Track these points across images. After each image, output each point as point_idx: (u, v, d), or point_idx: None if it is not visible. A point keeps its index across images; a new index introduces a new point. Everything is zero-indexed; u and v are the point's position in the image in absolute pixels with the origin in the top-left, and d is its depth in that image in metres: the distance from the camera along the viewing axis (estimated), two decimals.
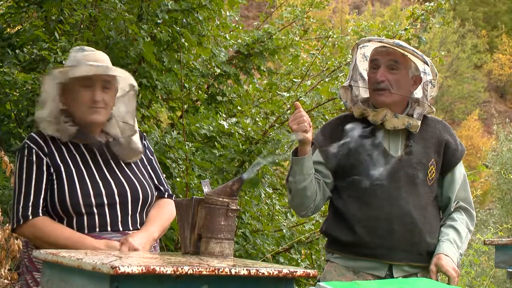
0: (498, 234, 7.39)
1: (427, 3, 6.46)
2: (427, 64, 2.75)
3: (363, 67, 2.86)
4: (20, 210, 2.51)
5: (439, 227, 2.79)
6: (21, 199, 2.52)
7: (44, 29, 5.46)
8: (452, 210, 2.80)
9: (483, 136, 34.78)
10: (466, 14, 40.58)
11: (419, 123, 2.74)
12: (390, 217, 2.67)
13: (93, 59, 2.61)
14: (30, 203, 2.51)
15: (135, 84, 2.71)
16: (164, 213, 2.66)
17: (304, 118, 2.54)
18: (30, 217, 2.49)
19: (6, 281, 4.13)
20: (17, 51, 5.31)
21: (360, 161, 2.72)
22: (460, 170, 2.84)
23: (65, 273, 1.89)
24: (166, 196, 2.76)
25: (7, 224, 4.14)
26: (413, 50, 2.70)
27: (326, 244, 2.89)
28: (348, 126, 2.76)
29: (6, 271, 4.13)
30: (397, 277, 2.68)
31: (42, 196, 2.52)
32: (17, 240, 4.11)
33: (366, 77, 2.84)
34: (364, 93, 2.83)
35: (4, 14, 6.04)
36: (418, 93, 2.81)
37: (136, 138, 2.71)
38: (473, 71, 40.06)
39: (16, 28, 6.10)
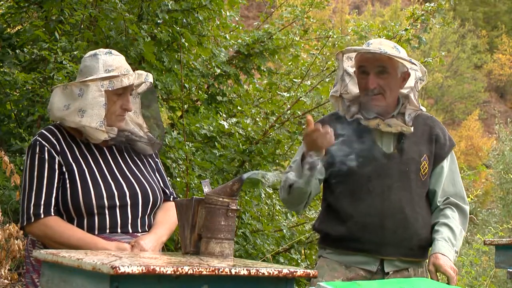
0: (498, 234, 7.39)
1: (427, 4, 6.46)
2: (415, 65, 2.75)
3: (348, 64, 2.85)
4: (31, 208, 2.48)
5: (431, 221, 2.80)
6: (32, 196, 2.49)
7: (44, 29, 5.46)
8: (441, 205, 2.82)
9: (483, 136, 34.76)
10: (466, 14, 40.58)
11: (412, 129, 2.77)
12: (381, 213, 2.69)
13: (126, 66, 2.62)
14: (42, 202, 2.48)
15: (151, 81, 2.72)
16: (171, 216, 2.66)
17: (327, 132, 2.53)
18: (42, 216, 2.47)
19: (6, 281, 4.13)
20: (17, 51, 5.31)
21: (354, 158, 2.71)
22: (448, 164, 2.85)
23: (65, 273, 1.89)
24: (171, 199, 2.76)
25: (7, 224, 4.15)
26: (399, 57, 2.70)
27: (318, 240, 2.92)
28: (342, 124, 2.78)
29: (6, 271, 4.13)
30: (388, 272, 2.71)
31: (54, 195, 2.50)
32: (17, 240, 4.11)
33: (352, 74, 2.84)
34: (353, 88, 2.83)
35: (4, 14, 6.04)
36: (408, 88, 2.82)
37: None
38: (473, 71, 40.06)
39: (16, 28, 6.10)
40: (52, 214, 2.49)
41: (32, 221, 2.48)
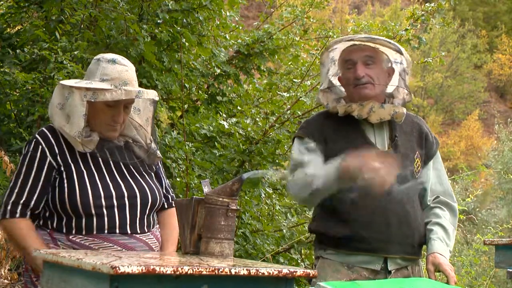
0: (498, 234, 7.39)
1: (427, 4, 6.47)
2: (401, 53, 2.75)
3: (331, 72, 2.87)
4: (10, 204, 2.49)
5: (424, 219, 2.80)
6: (14, 193, 2.50)
7: (44, 29, 5.46)
8: (431, 204, 2.82)
9: (483, 136, 34.79)
10: (466, 14, 40.59)
11: (404, 110, 2.76)
12: (385, 210, 2.66)
13: (125, 78, 2.54)
14: (22, 201, 2.49)
15: (157, 98, 2.68)
16: (174, 232, 2.69)
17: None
18: (17, 216, 2.48)
19: (6, 281, 4.13)
20: (17, 51, 5.31)
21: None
22: (436, 163, 2.86)
23: (65, 273, 1.89)
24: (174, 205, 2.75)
25: None
26: (385, 40, 2.71)
27: (315, 241, 2.85)
28: (332, 124, 2.77)
29: (6, 271, 4.13)
30: (391, 270, 2.69)
31: (35, 197, 2.50)
32: None
33: (334, 82, 2.85)
34: (339, 93, 2.85)
35: (4, 14, 6.05)
36: (393, 83, 2.83)
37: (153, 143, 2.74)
38: (473, 71, 40.07)
39: (16, 28, 6.10)
40: (27, 217, 2.50)
41: (6, 217, 2.49)
